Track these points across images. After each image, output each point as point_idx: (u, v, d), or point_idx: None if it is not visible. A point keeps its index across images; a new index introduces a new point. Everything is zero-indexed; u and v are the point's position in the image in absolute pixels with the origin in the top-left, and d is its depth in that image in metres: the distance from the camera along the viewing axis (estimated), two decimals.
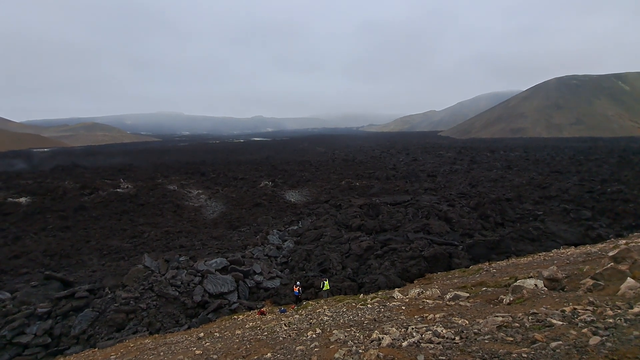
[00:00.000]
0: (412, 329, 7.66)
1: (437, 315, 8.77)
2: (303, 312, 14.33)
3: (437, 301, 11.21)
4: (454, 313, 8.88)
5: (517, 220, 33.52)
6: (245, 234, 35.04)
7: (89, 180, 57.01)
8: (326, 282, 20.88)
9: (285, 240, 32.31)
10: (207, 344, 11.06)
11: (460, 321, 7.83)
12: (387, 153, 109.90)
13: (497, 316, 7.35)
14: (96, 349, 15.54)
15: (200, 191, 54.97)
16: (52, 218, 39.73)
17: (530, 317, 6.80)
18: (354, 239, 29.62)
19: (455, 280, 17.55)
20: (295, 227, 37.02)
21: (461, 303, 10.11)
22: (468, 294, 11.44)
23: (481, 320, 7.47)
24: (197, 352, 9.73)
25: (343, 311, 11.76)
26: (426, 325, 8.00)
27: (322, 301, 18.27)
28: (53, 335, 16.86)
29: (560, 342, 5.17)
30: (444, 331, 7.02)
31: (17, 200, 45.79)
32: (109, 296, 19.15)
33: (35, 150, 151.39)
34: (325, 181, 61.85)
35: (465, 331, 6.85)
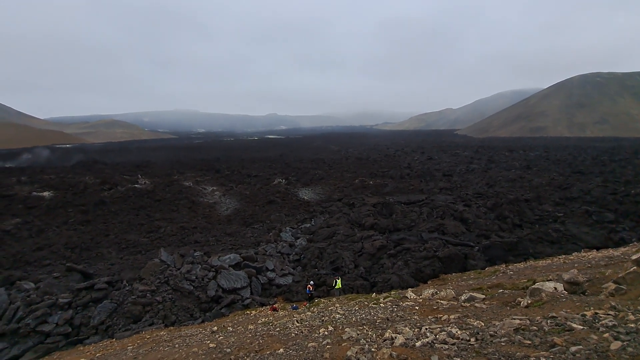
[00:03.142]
0: (426, 329, 7.56)
1: (452, 317, 8.64)
2: (315, 309, 14.36)
3: (452, 302, 11.04)
4: (469, 314, 8.73)
5: (536, 222, 32.60)
6: (258, 230, 35.36)
7: (109, 176, 58.68)
8: (338, 281, 20.87)
9: (298, 238, 32.44)
10: (221, 337, 11.22)
11: (475, 323, 7.70)
12: (401, 151, 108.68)
13: (514, 319, 7.19)
14: (114, 340, 16.03)
15: (214, 188, 55.78)
16: (73, 212, 41.09)
17: (549, 321, 6.63)
18: (367, 237, 29.46)
19: (471, 282, 17.22)
20: (308, 225, 37.11)
21: (476, 305, 9.93)
22: (484, 296, 11.23)
23: (497, 323, 7.32)
24: (211, 345, 9.88)
25: (355, 310, 11.72)
26: (440, 325, 7.89)
27: (334, 299, 18.26)
28: (73, 325, 17.46)
29: (581, 347, 5.06)
30: (459, 332, 6.91)
31: (41, 194, 47.57)
32: (127, 288, 19.68)
33: (57, 146, 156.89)
34: (339, 179, 61.73)
35: (480, 333, 6.72)
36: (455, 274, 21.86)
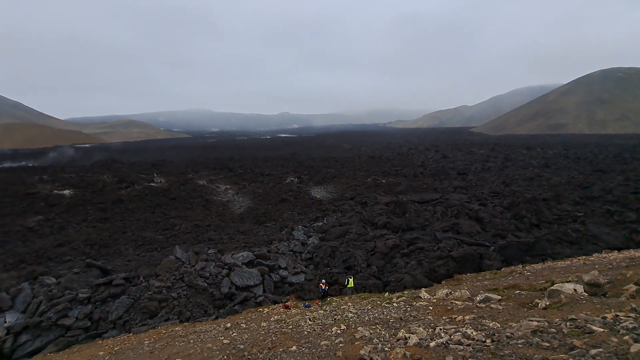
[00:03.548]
0: (440, 329, 7.47)
1: (467, 317, 8.52)
2: (327, 308, 14.37)
3: (467, 303, 10.87)
4: (485, 315, 8.61)
5: (554, 222, 31.72)
6: (271, 229, 35.61)
7: (126, 175, 60.13)
8: (351, 280, 20.83)
9: (310, 236, 32.52)
10: (234, 334, 11.36)
11: (491, 324, 7.59)
12: (415, 150, 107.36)
13: (531, 320, 7.05)
14: (131, 334, 16.43)
15: (228, 186, 56.45)
16: (92, 210, 42.31)
17: (568, 323, 6.50)
18: (380, 236, 29.27)
19: (486, 282, 16.91)
20: (320, 224, 37.14)
21: (492, 305, 9.76)
22: (500, 297, 11.03)
23: (514, 324, 7.20)
24: (225, 341, 10.01)
25: (368, 309, 11.66)
26: (455, 326, 7.78)
27: (347, 298, 18.24)
28: (92, 319, 17.99)
29: (601, 350, 4.97)
30: (474, 333, 6.80)
31: (61, 192, 49.17)
32: (143, 284, 20.14)
33: (77, 145, 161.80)
34: (351, 178, 61.54)
35: (496, 334, 6.61)
36: (470, 274, 21.50)
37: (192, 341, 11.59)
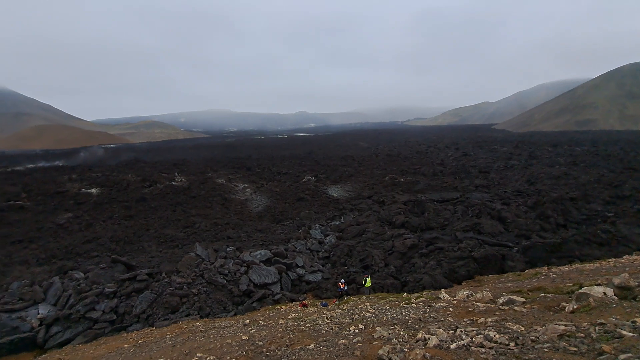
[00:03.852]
0: (461, 331, 7.30)
1: (489, 319, 8.31)
2: (345, 307, 14.32)
3: (489, 305, 10.58)
4: (508, 318, 8.38)
5: (582, 222, 30.37)
6: (288, 227, 35.85)
7: (149, 174, 62.04)
8: (368, 279, 20.71)
9: (327, 235, 32.51)
10: (253, 330, 11.51)
11: (515, 327, 7.38)
12: (434, 148, 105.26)
13: (558, 324, 6.80)
14: (154, 328, 16.96)
15: (246, 185, 57.24)
16: (117, 208, 43.90)
17: (597, 328, 6.26)
18: (398, 236, 28.93)
19: (509, 284, 16.40)
20: (338, 223, 37.07)
21: (516, 308, 9.48)
22: (524, 299, 10.68)
23: (539, 328, 6.97)
24: (244, 337, 10.15)
25: (386, 309, 11.54)
26: (476, 328, 7.60)
27: (364, 297, 18.12)
28: (118, 312, 18.67)
29: (630, 355, 4.80)
30: (497, 336, 6.61)
31: (89, 191, 51.29)
32: (165, 280, 20.73)
33: (103, 146, 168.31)
34: (368, 177, 61.09)
35: (521, 337, 6.41)
36: (492, 276, 20.91)
37: (212, 336, 11.82)
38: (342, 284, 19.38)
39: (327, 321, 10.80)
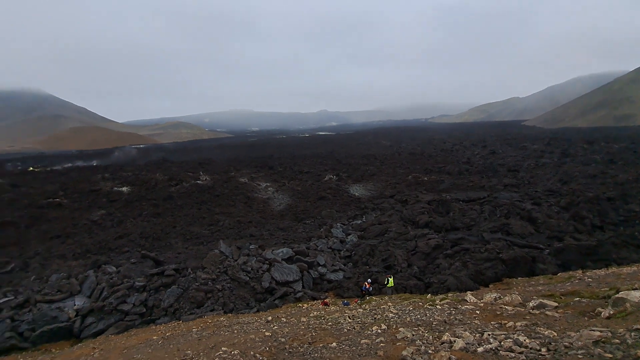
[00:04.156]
0: (489, 335, 7.06)
1: (519, 324, 8.00)
2: (367, 306, 14.21)
3: (518, 308, 10.18)
4: (539, 323, 8.04)
5: (620, 224, 28.53)
6: (309, 226, 35.99)
7: (175, 173, 64.13)
8: (390, 279, 20.45)
9: (349, 234, 32.36)
10: (275, 327, 11.64)
11: (546, 332, 7.07)
12: (460, 145, 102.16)
13: (593, 330, 6.46)
14: (180, 322, 17.53)
15: (268, 184, 57.99)
16: (146, 205, 45.68)
17: (633, 333, 5.97)
18: (421, 236, 28.35)
19: (540, 288, 15.71)
20: (359, 222, 36.82)
21: (548, 313, 9.07)
22: (556, 304, 10.20)
23: (573, 334, 6.65)
24: (267, 333, 10.29)
25: (409, 310, 11.34)
26: (505, 332, 7.33)
27: (387, 298, 17.92)
28: (147, 306, 19.42)
29: None
30: (527, 341, 6.35)
31: (120, 189, 53.71)
32: (191, 276, 21.36)
33: (133, 146, 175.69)
34: (391, 175, 60.25)
35: (553, 343, 6.12)
36: (522, 279, 20.06)
37: (235, 331, 12.07)
38: (368, 283, 19.29)
39: (349, 320, 10.75)
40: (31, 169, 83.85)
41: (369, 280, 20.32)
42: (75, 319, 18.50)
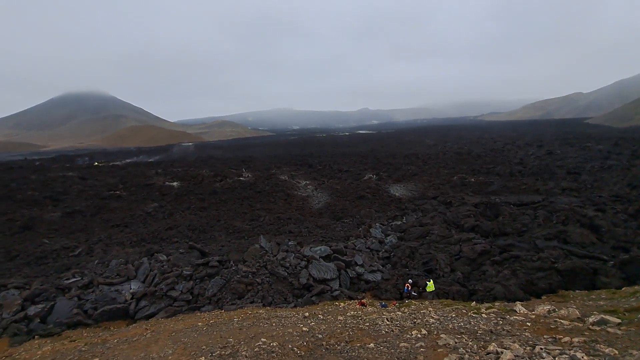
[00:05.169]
0: (541, 349, 6.53)
1: (576, 339, 7.33)
2: (406, 310, 13.84)
3: (576, 323, 9.32)
4: (599, 340, 7.32)
5: None
6: (348, 225, 35.84)
7: (220, 170, 67.35)
8: (430, 283, 19.77)
9: (388, 235, 31.70)
10: (312, 323, 11.75)
11: (607, 350, 6.44)
12: (512, 145, 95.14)
13: None
14: (222, 311, 18.37)
15: (307, 182, 58.70)
16: (193, 200, 48.49)
17: None
18: (466, 240, 26.95)
19: (601, 302, 14.25)
20: (399, 223, 35.91)
21: (609, 329, 8.24)
22: (619, 320, 9.21)
23: (636, 352, 6.00)
24: (304, 329, 10.42)
25: (452, 316, 10.85)
26: (560, 347, 6.75)
27: (427, 302, 17.32)
28: (193, 294, 20.59)
29: None
30: (585, 358, 5.80)
31: (171, 184, 57.60)
32: (233, 268, 22.27)
33: (183, 144, 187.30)
34: (434, 176, 58.01)
35: None
36: (580, 292, 18.32)
37: (274, 324, 12.37)
38: (408, 284, 18.84)
39: (387, 322, 10.53)
40: (96, 163, 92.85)
41: (410, 280, 19.77)
42: (130, 302, 20.13)
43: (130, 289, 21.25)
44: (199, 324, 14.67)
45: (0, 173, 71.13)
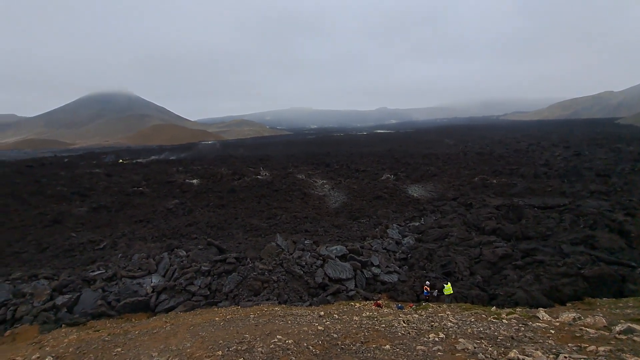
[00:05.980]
0: (565, 357, 6.29)
1: (602, 348, 7.02)
2: (423, 313, 13.61)
3: (602, 332, 8.92)
4: (625, 349, 7.01)
5: None
6: (364, 225, 35.61)
7: (238, 168, 68.38)
8: (448, 285, 19.39)
9: (406, 236, 31.28)
10: (328, 322, 11.75)
11: (633, 359, 6.11)
12: (537, 145, 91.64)
13: None
14: (239, 307, 18.65)
15: (324, 181, 58.71)
16: (212, 197, 49.45)
17: None
18: (487, 243, 26.25)
19: (629, 311, 13.59)
20: (417, 224, 35.36)
21: (636, 339, 7.88)
22: None
23: None
24: (319, 327, 10.43)
25: (471, 321, 10.58)
26: (585, 356, 6.49)
27: (445, 306, 17.00)
28: (211, 289, 21.03)
29: None
30: None
31: (191, 181, 58.96)
32: (250, 265, 22.59)
33: (203, 142, 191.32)
34: (454, 177, 56.75)
35: None
36: (607, 299, 17.50)
37: (289, 322, 12.45)
38: (427, 287, 18.58)
39: (404, 325, 10.39)
40: (121, 161, 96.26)
41: (427, 283, 19.44)
42: (151, 295, 20.77)
43: (152, 282, 21.92)
44: (216, 318, 14.95)
45: (33, 169, 74.94)
